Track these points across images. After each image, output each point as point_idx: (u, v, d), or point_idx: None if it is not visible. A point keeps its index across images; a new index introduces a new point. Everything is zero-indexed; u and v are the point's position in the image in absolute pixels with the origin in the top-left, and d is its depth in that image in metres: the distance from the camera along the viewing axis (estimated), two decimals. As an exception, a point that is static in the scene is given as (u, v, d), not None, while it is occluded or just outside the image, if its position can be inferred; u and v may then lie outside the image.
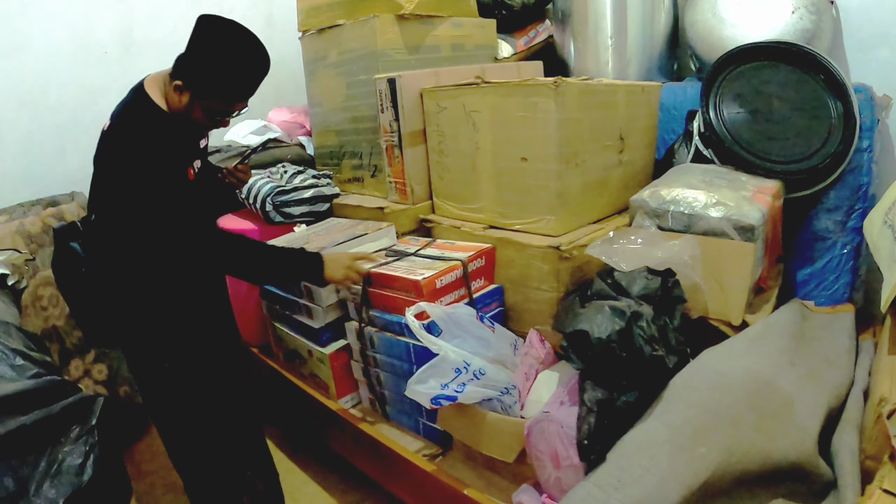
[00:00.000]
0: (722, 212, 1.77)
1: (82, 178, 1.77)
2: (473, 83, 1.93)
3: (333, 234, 2.11)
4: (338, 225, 2.24)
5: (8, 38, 2.70)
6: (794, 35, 2.21)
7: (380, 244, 2.07)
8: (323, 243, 1.99)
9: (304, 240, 2.08)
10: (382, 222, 2.15)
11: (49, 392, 1.61)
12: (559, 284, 1.81)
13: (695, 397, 1.41)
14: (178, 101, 1.56)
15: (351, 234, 2.06)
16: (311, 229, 2.24)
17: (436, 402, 1.53)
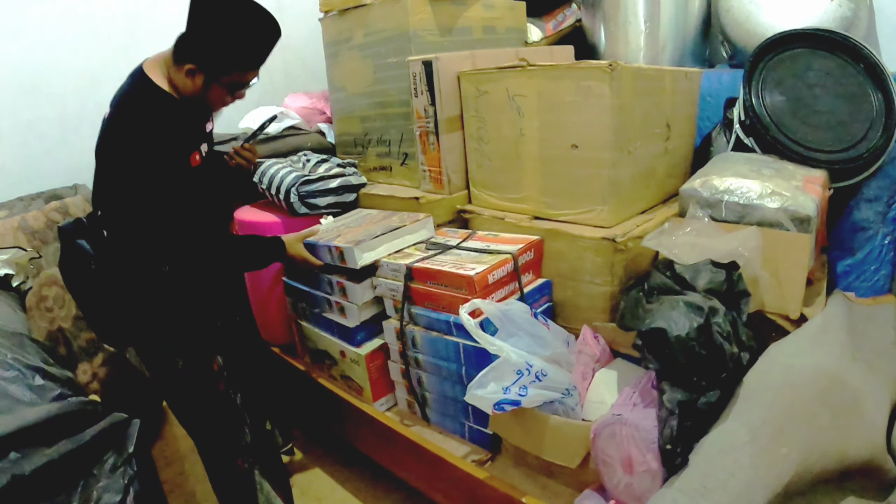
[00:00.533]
0: (778, 202, 1.71)
1: (85, 170, 1.67)
2: (518, 66, 1.84)
3: (367, 225, 2.00)
4: (368, 216, 2.12)
5: (6, 22, 2.57)
6: (832, 23, 2.18)
7: (418, 236, 1.97)
8: (357, 236, 1.88)
9: (335, 233, 1.95)
10: (419, 213, 2.03)
11: (77, 417, 1.41)
12: (613, 278, 1.73)
13: (770, 396, 1.35)
14: (191, 85, 1.53)
15: (387, 225, 1.94)
16: (340, 221, 2.12)
17: (499, 407, 1.44)
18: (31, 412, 1.34)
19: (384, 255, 1.87)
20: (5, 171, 2.62)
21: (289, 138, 2.55)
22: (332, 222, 2.14)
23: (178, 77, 1.54)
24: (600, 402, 1.60)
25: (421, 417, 1.91)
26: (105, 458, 1.40)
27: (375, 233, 1.88)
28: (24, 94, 2.64)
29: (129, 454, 1.41)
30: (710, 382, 1.38)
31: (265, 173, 2.29)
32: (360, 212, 2.26)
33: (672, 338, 1.37)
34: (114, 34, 2.77)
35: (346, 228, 2.01)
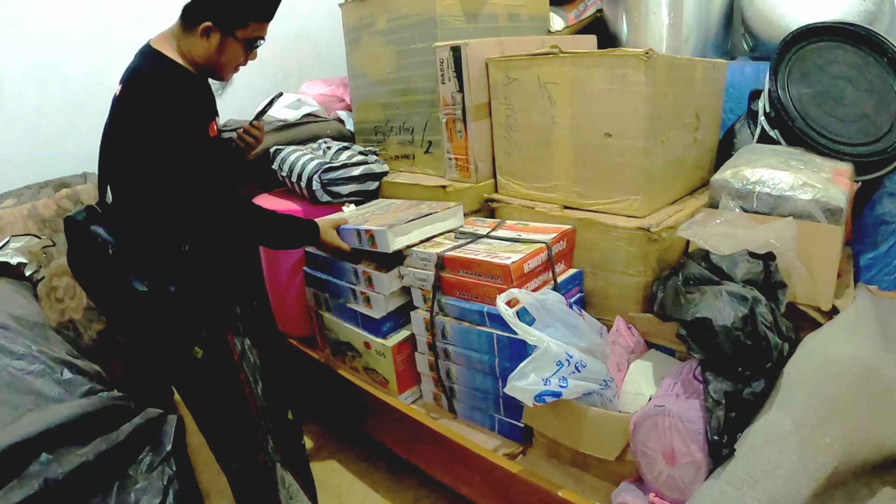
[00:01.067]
0: (810, 194, 1.72)
1: (94, 158, 1.65)
2: (551, 53, 1.83)
3: (394, 212, 1.98)
4: (393, 205, 2.10)
5: (14, 7, 2.52)
6: (857, 16, 2.19)
7: (448, 225, 1.95)
8: (388, 220, 1.87)
9: (361, 219, 1.94)
10: (448, 202, 2.02)
11: (109, 413, 1.33)
12: (646, 268, 1.74)
13: (811, 386, 1.36)
14: (206, 48, 1.55)
15: (417, 212, 1.92)
16: (364, 209, 2.10)
17: (540, 399, 1.43)
18: (60, 409, 1.27)
19: (416, 240, 1.85)
20: (13, 159, 2.58)
21: (307, 125, 2.53)
22: (354, 210, 2.11)
23: (191, 44, 1.55)
24: (637, 393, 1.60)
25: (448, 410, 1.90)
26: (141, 458, 1.32)
27: (407, 218, 1.86)
28: (31, 80, 2.60)
29: (167, 453, 1.35)
30: (755, 372, 1.39)
31: (285, 160, 2.26)
32: (382, 201, 2.24)
33: (718, 327, 1.38)
34: (124, 19, 2.73)
35: (371, 215, 1.99)
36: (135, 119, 1.49)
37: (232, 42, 1.57)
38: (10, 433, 1.16)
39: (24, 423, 1.19)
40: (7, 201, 2.38)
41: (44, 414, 1.24)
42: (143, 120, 1.47)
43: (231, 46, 1.58)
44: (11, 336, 1.42)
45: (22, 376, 1.33)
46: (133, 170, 1.53)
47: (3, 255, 2.03)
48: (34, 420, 1.21)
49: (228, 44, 1.57)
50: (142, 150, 1.48)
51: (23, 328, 1.51)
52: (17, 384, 1.31)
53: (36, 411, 1.24)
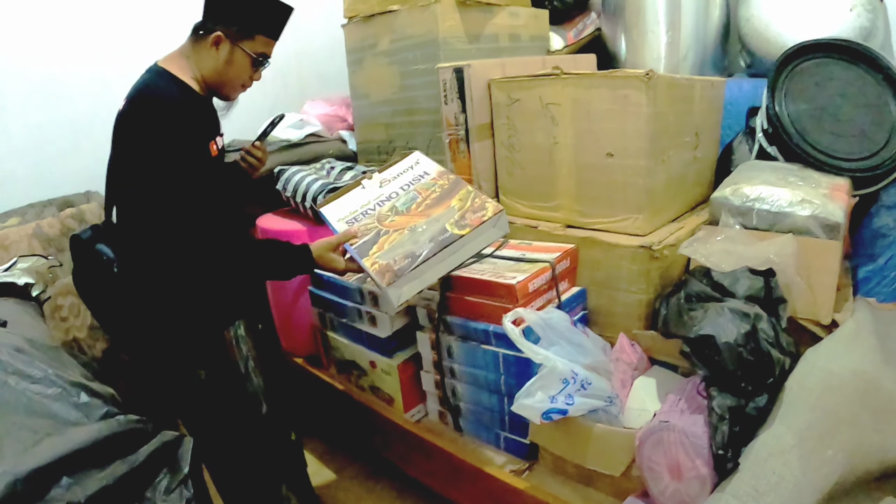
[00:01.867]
0: (809, 210, 1.76)
1: (98, 177, 1.68)
2: (552, 74, 1.88)
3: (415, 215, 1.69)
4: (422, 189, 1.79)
5: (19, 26, 2.57)
6: (851, 32, 2.26)
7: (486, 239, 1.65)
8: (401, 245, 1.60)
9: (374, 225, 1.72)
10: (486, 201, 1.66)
11: (127, 436, 1.34)
12: (649, 286, 1.78)
13: (813, 400, 1.40)
14: (215, 60, 1.62)
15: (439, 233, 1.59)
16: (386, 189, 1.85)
17: (546, 416, 1.48)
18: (79, 433, 1.28)
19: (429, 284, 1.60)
20: (16, 177, 2.61)
21: (311, 146, 2.58)
22: (376, 182, 1.88)
23: (201, 57, 1.62)
24: (642, 409, 1.64)
25: (454, 428, 1.94)
26: (159, 481, 1.32)
27: (420, 251, 1.55)
28: (35, 98, 2.64)
29: (184, 475, 1.35)
30: (758, 387, 1.43)
31: (290, 180, 2.31)
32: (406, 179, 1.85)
33: (721, 344, 1.42)
34: (127, 39, 2.78)
35: (390, 214, 1.73)
36: (135, 136, 1.53)
37: (240, 54, 1.63)
38: (32, 457, 1.18)
39: (44, 447, 1.21)
40: (11, 220, 2.42)
41: (63, 438, 1.25)
42: (143, 137, 1.50)
43: (239, 59, 1.63)
44: (28, 359, 1.44)
45: (40, 400, 1.36)
46: (133, 187, 1.56)
47: (11, 275, 2.07)
48: (54, 444, 1.23)
49: (237, 56, 1.63)
50: (140, 167, 1.52)
51: (38, 351, 1.54)
52: (35, 408, 1.33)
53: (55, 435, 1.26)
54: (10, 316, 1.86)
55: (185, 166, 1.52)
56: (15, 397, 1.34)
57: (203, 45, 1.61)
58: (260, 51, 1.65)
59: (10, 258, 2.19)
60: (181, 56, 1.64)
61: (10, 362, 1.41)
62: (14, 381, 1.37)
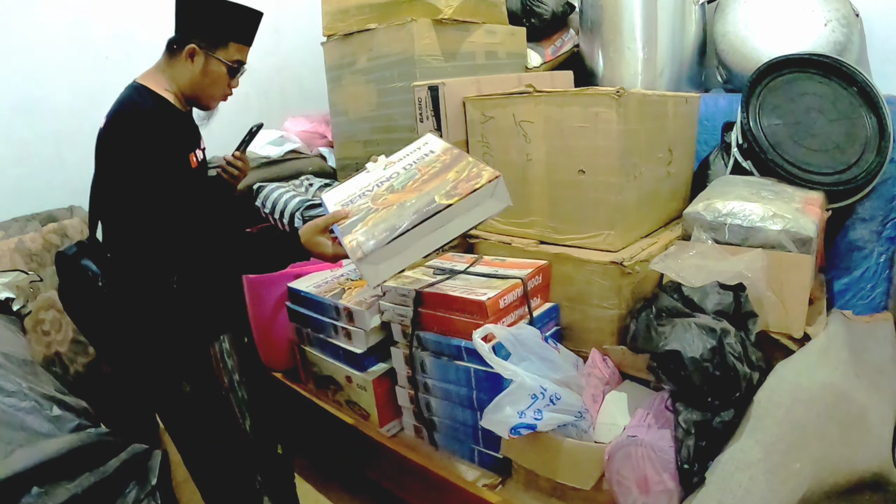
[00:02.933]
0: (780, 224, 1.78)
1: (81, 191, 1.70)
2: (525, 92, 1.90)
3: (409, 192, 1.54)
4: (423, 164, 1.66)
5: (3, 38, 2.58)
6: (826, 47, 2.29)
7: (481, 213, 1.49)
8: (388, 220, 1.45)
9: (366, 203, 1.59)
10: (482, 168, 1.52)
11: (97, 448, 1.39)
12: (620, 301, 1.79)
13: (781, 413, 1.42)
14: (191, 72, 1.65)
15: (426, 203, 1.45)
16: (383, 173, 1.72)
17: (515, 431, 1.49)
18: (50, 444, 1.33)
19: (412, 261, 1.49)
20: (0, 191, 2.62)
21: (290, 162, 2.60)
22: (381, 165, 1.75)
23: (177, 71, 1.65)
24: (612, 423, 1.65)
25: (429, 442, 1.95)
26: (127, 492, 1.38)
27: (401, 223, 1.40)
28: (19, 112, 2.66)
29: (152, 487, 1.40)
30: (724, 402, 1.46)
31: (268, 197, 2.33)
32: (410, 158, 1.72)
33: (687, 359, 1.44)
34: (111, 53, 2.80)
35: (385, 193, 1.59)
36: (115, 152, 1.55)
37: (216, 63, 1.65)
38: (4, 467, 1.22)
39: (16, 457, 1.26)
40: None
41: (35, 449, 1.30)
42: (124, 152, 1.53)
43: (215, 69, 1.66)
44: (3, 373, 1.47)
45: (13, 413, 1.39)
46: (117, 202, 1.58)
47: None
48: (26, 455, 1.27)
49: (212, 66, 1.65)
50: (122, 181, 1.54)
51: (12, 365, 1.56)
52: (8, 420, 1.37)
53: (27, 446, 1.30)
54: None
55: (166, 178, 1.53)
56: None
57: (178, 58, 1.64)
58: (234, 58, 1.68)
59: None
60: (158, 71, 1.67)
61: (-16, 376, 1.44)
62: (-12, 393, 1.40)
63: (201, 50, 1.63)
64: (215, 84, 1.69)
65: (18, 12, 2.63)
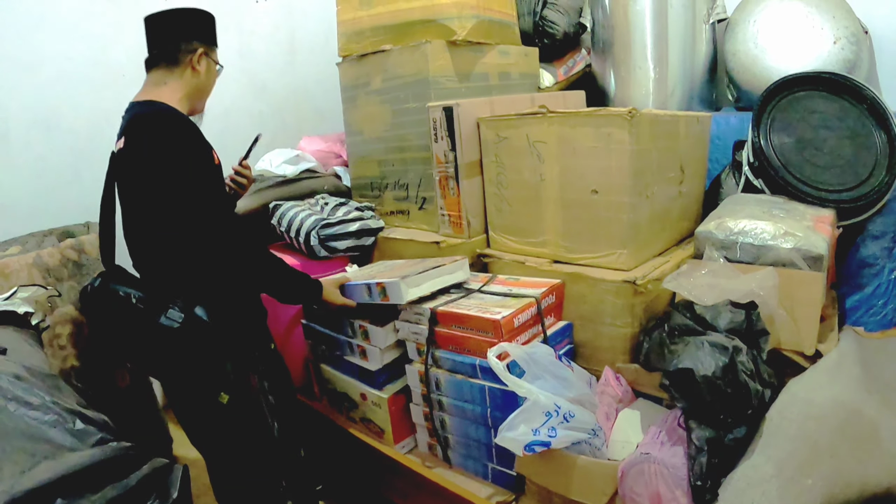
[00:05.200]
0: (792, 242, 1.82)
1: (97, 207, 1.75)
2: (539, 112, 1.96)
3: (401, 269, 2.04)
4: (398, 265, 2.19)
5: (21, 54, 2.67)
6: (836, 65, 2.33)
7: (455, 277, 2.02)
8: (399, 273, 1.94)
9: (368, 276, 2.03)
10: (455, 256, 2.12)
11: (119, 462, 1.44)
12: (633, 319, 1.84)
13: (793, 429, 1.44)
14: (198, 76, 1.77)
15: (424, 266, 1.99)
16: (367, 269, 2.22)
17: (529, 449, 1.53)
18: (74, 457, 1.37)
19: (427, 292, 1.91)
20: (18, 206, 2.69)
21: (305, 181, 2.66)
22: (358, 270, 2.22)
23: (183, 77, 1.74)
24: (626, 441, 1.69)
25: (442, 459, 1.99)
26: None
27: (417, 271, 1.92)
28: (37, 128, 2.73)
29: (172, 500, 1.44)
30: (736, 419, 1.49)
31: (284, 215, 2.38)
32: (384, 263, 2.32)
33: (699, 377, 1.48)
34: (128, 73, 2.86)
35: (378, 273, 2.07)
36: (147, 162, 1.59)
37: (211, 65, 1.80)
38: (29, 479, 1.28)
39: (40, 469, 1.31)
40: (12, 248, 2.49)
41: (59, 462, 1.35)
42: (155, 160, 1.57)
43: (212, 69, 1.81)
44: (27, 387, 1.52)
45: (38, 426, 1.44)
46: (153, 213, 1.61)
47: (11, 304, 2.13)
48: (50, 467, 1.33)
49: (211, 68, 1.80)
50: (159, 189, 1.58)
51: (36, 379, 1.61)
52: (33, 433, 1.42)
53: (51, 459, 1.35)
54: (9, 343, 1.92)
55: (201, 177, 1.62)
56: (14, 422, 1.42)
57: (182, 66, 1.73)
58: (217, 59, 1.83)
59: (10, 286, 2.26)
60: (155, 86, 1.73)
61: (10, 389, 1.49)
62: (13, 406, 1.46)
63: (204, 54, 1.76)
64: (212, 84, 1.84)
65: (37, 30, 2.71)
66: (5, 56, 2.66)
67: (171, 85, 1.72)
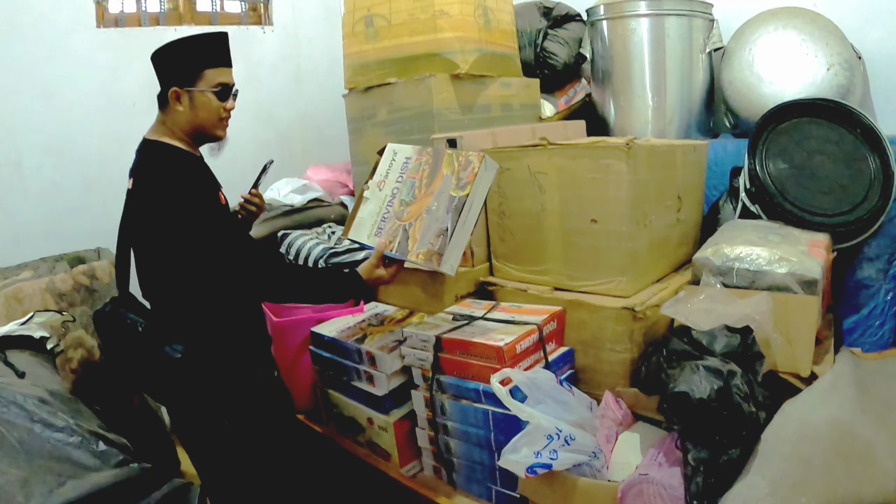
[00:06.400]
0: (787, 267, 1.89)
1: (109, 233, 1.86)
2: (539, 144, 2.05)
3: (422, 200, 1.88)
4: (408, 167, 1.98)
5: (35, 83, 2.78)
6: (830, 91, 2.41)
7: (484, 187, 1.84)
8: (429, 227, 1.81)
9: (394, 218, 1.92)
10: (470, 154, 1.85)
11: (139, 482, 1.54)
12: (632, 345, 1.91)
13: (787, 449, 1.50)
14: (183, 113, 1.77)
15: (448, 204, 1.81)
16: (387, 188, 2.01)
17: (531, 471, 1.59)
18: (98, 477, 1.49)
19: (465, 244, 1.82)
20: (30, 231, 2.80)
21: (313, 210, 2.75)
22: (374, 188, 2.03)
23: (173, 117, 1.78)
24: (625, 463, 1.75)
25: (447, 482, 2.05)
26: None
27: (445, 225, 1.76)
28: (49, 153, 2.84)
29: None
30: (731, 440, 1.55)
31: (292, 244, 2.48)
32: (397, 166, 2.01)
33: (695, 401, 1.55)
34: (138, 101, 2.97)
35: (404, 208, 1.90)
36: (151, 205, 1.71)
37: (199, 96, 1.75)
38: (57, 497, 1.39)
39: (67, 488, 1.43)
40: (24, 273, 2.59)
41: (84, 481, 1.47)
42: (160, 203, 1.68)
43: (202, 100, 1.76)
44: (52, 410, 1.63)
45: (62, 447, 1.55)
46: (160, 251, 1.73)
47: (27, 328, 2.23)
48: (76, 486, 1.44)
49: (199, 99, 1.76)
50: (165, 231, 1.69)
51: (59, 402, 1.71)
52: (58, 454, 1.53)
53: (76, 479, 1.47)
54: (26, 368, 2.02)
55: (207, 218, 1.69)
56: (40, 444, 1.53)
57: (170, 106, 1.77)
58: (217, 82, 1.77)
59: (24, 310, 2.36)
60: (160, 125, 1.81)
61: (36, 412, 1.60)
62: (39, 429, 1.57)
63: (182, 90, 1.74)
64: (208, 113, 1.78)
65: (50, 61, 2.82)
66: (19, 85, 2.78)
67: (168, 124, 1.79)
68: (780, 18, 2.52)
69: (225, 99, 1.81)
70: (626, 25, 2.72)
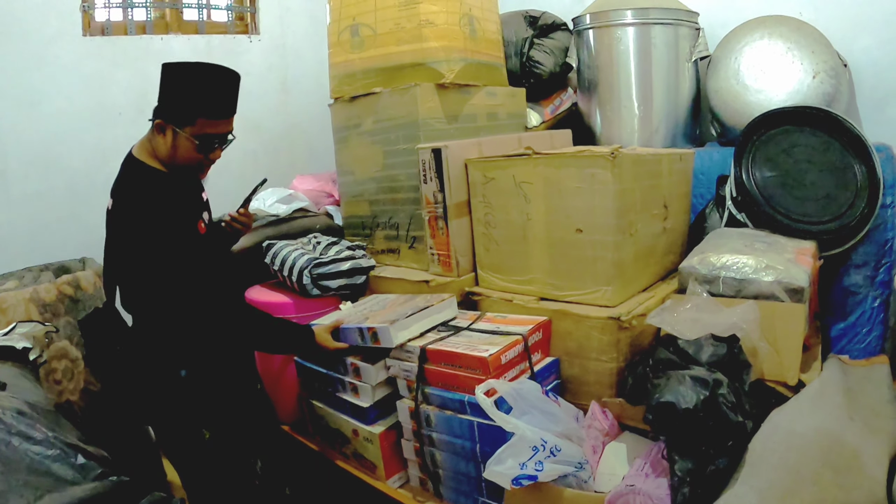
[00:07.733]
0: (773, 276, 1.89)
1: (94, 244, 1.86)
2: (524, 154, 2.04)
3: (392, 307, 2.13)
4: (389, 300, 2.27)
5: (21, 92, 2.77)
6: (815, 99, 2.41)
7: (444, 316, 2.10)
8: (388, 316, 2.01)
9: (362, 315, 2.13)
10: (442, 294, 2.19)
11: (118, 495, 1.52)
12: (618, 355, 1.90)
13: (775, 459, 1.50)
14: (164, 145, 1.73)
15: (413, 306, 2.06)
16: (361, 305, 2.29)
17: (516, 482, 1.58)
18: (77, 491, 1.46)
19: (416, 334, 1.99)
20: (14, 241, 2.78)
21: (298, 220, 2.74)
22: (351, 307, 2.29)
23: (156, 142, 1.75)
24: (612, 473, 1.74)
25: (434, 494, 2.04)
26: None
27: (406, 312, 2.00)
28: (35, 165, 2.82)
29: None
30: (718, 450, 1.54)
31: (277, 255, 2.46)
32: (376, 297, 2.39)
33: (681, 411, 1.54)
34: (125, 110, 2.96)
35: (370, 312, 2.15)
36: (125, 229, 1.71)
37: (182, 138, 1.71)
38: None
39: (45, 502, 1.39)
40: (9, 283, 2.56)
41: (62, 495, 1.44)
42: (132, 229, 1.68)
43: (182, 143, 1.72)
44: (30, 422, 1.60)
45: (41, 460, 1.52)
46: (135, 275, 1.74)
47: (9, 339, 2.20)
48: (55, 500, 1.41)
49: (180, 141, 1.72)
50: (136, 256, 1.69)
51: (38, 414, 1.69)
52: (37, 467, 1.50)
53: (55, 492, 1.44)
54: (8, 379, 1.99)
55: (172, 248, 1.68)
56: (18, 457, 1.51)
57: (155, 131, 1.75)
58: (205, 132, 1.72)
59: (7, 321, 2.33)
60: (147, 142, 1.79)
61: (14, 424, 1.58)
62: (17, 441, 1.54)
63: (169, 125, 1.70)
64: (186, 157, 1.75)
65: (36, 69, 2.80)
66: (5, 94, 2.76)
67: (152, 143, 1.77)
68: (766, 27, 2.52)
69: (208, 151, 1.78)
70: (612, 34, 2.72)
